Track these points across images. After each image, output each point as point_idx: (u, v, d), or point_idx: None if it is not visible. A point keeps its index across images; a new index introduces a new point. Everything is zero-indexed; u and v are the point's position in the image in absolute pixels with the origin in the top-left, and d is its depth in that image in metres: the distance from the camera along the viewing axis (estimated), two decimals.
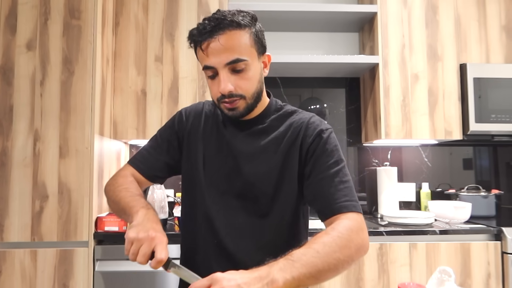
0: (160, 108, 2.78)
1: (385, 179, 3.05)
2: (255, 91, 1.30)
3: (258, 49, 1.30)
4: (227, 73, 1.24)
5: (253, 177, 1.32)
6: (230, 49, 1.22)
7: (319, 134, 1.33)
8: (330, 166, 1.28)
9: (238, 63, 1.23)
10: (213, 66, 1.24)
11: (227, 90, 1.24)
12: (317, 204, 1.28)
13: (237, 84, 1.25)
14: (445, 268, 1.22)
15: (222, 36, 1.21)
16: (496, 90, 2.89)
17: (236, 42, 1.23)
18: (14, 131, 2.35)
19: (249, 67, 1.26)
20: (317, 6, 2.96)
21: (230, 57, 1.22)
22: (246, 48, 1.25)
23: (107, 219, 2.40)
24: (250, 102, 1.30)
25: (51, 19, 2.41)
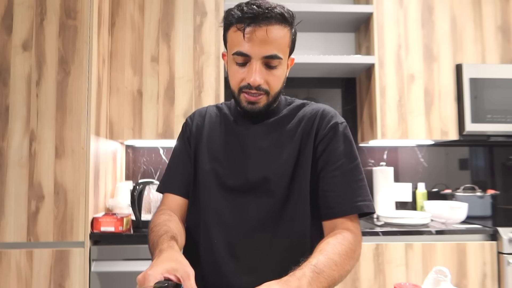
0: (156, 108, 2.78)
1: (381, 179, 3.05)
2: (278, 91, 1.28)
3: (291, 50, 1.29)
4: (262, 66, 1.21)
5: (267, 171, 1.27)
6: (272, 43, 1.19)
7: (333, 127, 1.29)
8: (345, 163, 1.25)
9: (274, 60, 1.21)
10: (249, 55, 1.20)
11: (257, 83, 1.21)
12: (325, 201, 1.25)
13: (267, 79, 1.23)
14: (441, 268, 1.22)
15: (268, 27, 1.18)
16: (492, 90, 2.90)
17: (279, 37, 1.20)
18: (10, 131, 2.34)
19: (281, 66, 1.24)
20: (313, 6, 2.96)
21: (270, 51, 1.19)
22: (284, 46, 1.23)
23: (103, 220, 2.40)
24: (271, 100, 1.27)
25: (47, 19, 2.40)
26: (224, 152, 1.35)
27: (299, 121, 1.33)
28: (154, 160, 3.25)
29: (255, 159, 1.30)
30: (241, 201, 1.28)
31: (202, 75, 2.81)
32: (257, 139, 1.32)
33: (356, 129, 3.37)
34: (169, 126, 2.76)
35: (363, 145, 3.37)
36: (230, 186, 1.31)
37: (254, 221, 1.26)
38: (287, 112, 1.36)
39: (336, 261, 1.06)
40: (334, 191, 1.23)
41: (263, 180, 1.27)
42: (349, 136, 1.31)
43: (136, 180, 3.21)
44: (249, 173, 1.29)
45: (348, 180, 1.23)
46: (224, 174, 1.32)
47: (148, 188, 2.62)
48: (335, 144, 1.27)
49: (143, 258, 2.39)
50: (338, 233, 1.17)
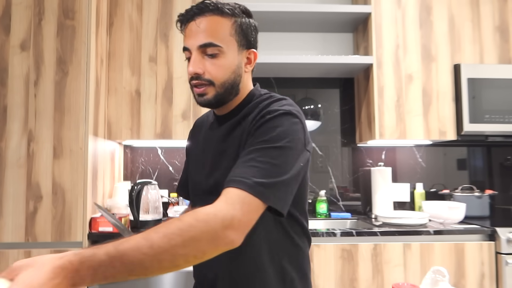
0: (154, 108, 2.78)
1: (379, 179, 3.05)
2: (227, 81, 1.25)
3: (240, 41, 1.27)
4: (199, 55, 1.23)
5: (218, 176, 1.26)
6: (206, 32, 1.21)
7: (263, 116, 1.18)
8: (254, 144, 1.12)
9: (211, 47, 1.21)
10: (188, 48, 1.24)
11: (193, 71, 1.22)
12: None
13: (206, 69, 1.22)
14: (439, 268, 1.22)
15: (201, 18, 1.22)
16: (490, 90, 2.90)
17: (214, 27, 1.22)
18: (8, 131, 2.34)
19: (224, 54, 1.23)
20: (311, 7, 2.96)
21: (204, 40, 1.21)
22: (224, 36, 1.23)
23: (101, 220, 2.40)
24: (220, 91, 1.25)
25: (45, 19, 2.40)
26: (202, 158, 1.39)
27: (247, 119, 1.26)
28: (152, 160, 3.25)
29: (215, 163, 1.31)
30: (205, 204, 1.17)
31: None
32: (219, 143, 1.32)
33: (354, 129, 3.37)
34: (167, 126, 2.76)
35: (361, 145, 3.37)
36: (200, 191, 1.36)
37: None
38: (246, 111, 1.30)
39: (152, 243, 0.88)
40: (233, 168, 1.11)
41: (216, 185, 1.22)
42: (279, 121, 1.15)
43: (134, 180, 3.20)
44: (209, 178, 1.31)
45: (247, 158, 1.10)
46: (197, 181, 1.38)
47: (146, 188, 2.62)
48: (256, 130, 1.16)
49: None
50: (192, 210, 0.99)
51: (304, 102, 3.28)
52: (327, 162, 3.35)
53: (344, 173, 3.36)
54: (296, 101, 3.35)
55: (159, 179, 3.21)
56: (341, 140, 3.38)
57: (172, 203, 2.92)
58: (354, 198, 3.34)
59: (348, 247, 2.49)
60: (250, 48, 1.32)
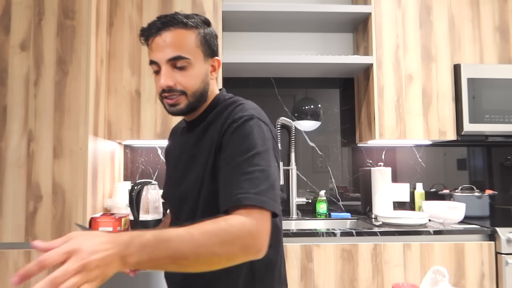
0: (154, 108, 2.78)
1: (379, 179, 3.05)
2: (197, 90, 1.32)
3: (205, 51, 1.34)
4: (169, 69, 1.28)
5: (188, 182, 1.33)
6: (173, 46, 1.26)
7: (230, 124, 1.23)
8: (235, 157, 1.16)
9: (180, 60, 1.27)
10: (156, 61, 1.28)
11: (165, 85, 1.27)
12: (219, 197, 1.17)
13: (177, 80, 1.28)
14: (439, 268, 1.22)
15: (167, 33, 1.27)
16: (490, 90, 2.90)
17: (180, 40, 1.27)
18: (8, 131, 2.34)
19: (192, 66, 1.29)
20: (311, 7, 2.96)
21: (172, 54, 1.26)
22: (190, 48, 1.29)
23: (101, 220, 2.40)
24: (191, 100, 1.32)
25: (45, 19, 2.40)
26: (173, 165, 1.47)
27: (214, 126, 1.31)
28: (152, 160, 3.25)
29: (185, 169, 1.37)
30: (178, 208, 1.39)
31: None
32: (189, 148, 1.38)
33: (354, 129, 3.37)
34: (167, 126, 2.76)
35: (361, 145, 3.37)
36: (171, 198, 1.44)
37: None
38: (213, 115, 1.35)
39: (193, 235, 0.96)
40: (222, 187, 1.16)
41: (186, 189, 1.34)
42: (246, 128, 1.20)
43: (134, 180, 3.20)
44: (181, 183, 1.37)
45: (234, 174, 1.14)
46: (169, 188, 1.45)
47: (146, 188, 2.62)
48: (228, 141, 1.21)
49: None
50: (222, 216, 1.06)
51: (304, 102, 3.28)
52: (327, 162, 3.35)
53: (344, 173, 3.36)
54: (296, 101, 3.35)
55: (159, 179, 3.21)
56: (341, 140, 3.38)
57: None
58: (354, 198, 3.34)
59: (348, 247, 2.49)
60: (214, 56, 1.39)
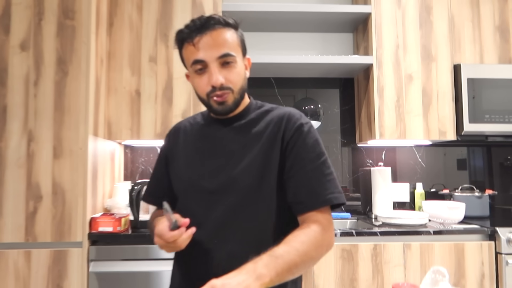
0: (154, 108, 2.78)
1: (379, 179, 3.05)
2: (241, 87, 1.37)
3: (242, 50, 1.40)
4: (218, 67, 1.31)
5: (234, 173, 1.34)
6: (221, 44, 1.30)
7: (299, 128, 1.36)
8: (312, 160, 1.32)
9: (228, 57, 1.31)
10: (203, 60, 1.30)
11: (219, 82, 1.30)
12: (296, 197, 1.31)
13: (226, 77, 1.31)
14: (439, 268, 1.22)
15: (213, 32, 1.30)
16: (490, 90, 2.90)
17: (226, 38, 1.32)
18: (8, 131, 2.34)
19: (236, 63, 1.34)
20: (311, 7, 2.96)
21: (221, 51, 1.30)
22: (234, 45, 1.34)
23: (101, 220, 2.40)
24: (237, 97, 1.36)
25: (45, 19, 2.40)
26: (199, 157, 1.44)
27: (267, 125, 1.40)
28: (152, 160, 3.25)
29: (225, 161, 1.37)
30: (213, 200, 1.36)
31: None
32: (227, 142, 1.40)
33: (354, 129, 3.37)
34: (167, 126, 2.76)
35: (361, 145, 3.37)
36: (204, 188, 1.38)
37: (220, 221, 1.33)
38: (255, 116, 1.44)
39: (296, 247, 1.15)
40: (304, 186, 1.30)
41: (231, 181, 1.34)
42: (315, 134, 1.38)
43: (134, 180, 3.20)
44: (220, 175, 1.37)
45: (317, 175, 1.31)
46: (199, 177, 1.40)
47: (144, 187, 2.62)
48: (301, 144, 1.34)
49: (142, 258, 2.39)
50: (305, 226, 1.25)
51: (304, 102, 3.27)
52: None
53: (344, 173, 3.36)
54: (296, 101, 3.35)
55: None
56: (341, 140, 3.38)
57: None
58: (354, 198, 3.34)
59: (348, 247, 2.49)
60: (246, 55, 1.44)
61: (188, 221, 1.21)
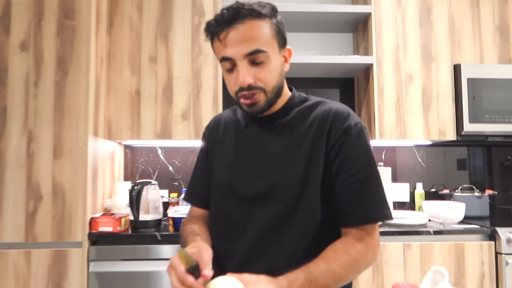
0: (154, 108, 2.77)
1: None
2: (276, 85, 1.24)
3: (279, 41, 1.25)
4: (246, 65, 1.18)
5: (276, 178, 1.23)
6: (250, 40, 1.16)
7: (346, 131, 1.23)
8: (360, 169, 1.21)
9: (258, 55, 1.17)
10: (231, 58, 1.18)
11: (246, 83, 1.17)
12: (342, 209, 1.21)
13: (256, 77, 1.19)
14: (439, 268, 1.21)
15: (241, 25, 1.16)
16: (490, 90, 2.90)
17: (257, 32, 1.18)
18: (8, 131, 2.34)
19: (270, 59, 1.20)
20: (311, 7, 2.96)
21: (250, 48, 1.16)
22: (266, 39, 1.20)
23: (101, 220, 2.40)
24: (270, 97, 1.23)
25: (45, 19, 2.40)
26: (236, 160, 1.33)
27: (311, 124, 1.27)
28: (152, 160, 3.25)
29: (264, 166, 1.27)
30: (252, 208, 1.26)
31: (200, 75, 2.81)
32: (266, 144, 1.29)
33: None
34: (167, 126, 2.76)
35: None
36: (242, 194, 1.28)
37: (262, 228, 1.23)
38: (297, 113, 1.31)
39: (335, 271, 1.10)
40: (350, 199, 1.20)
41: (272, 187, 1.23)
42: (365, 138, 1.25)
43: (134, 180, 3.20)
44: (259, 180, 1.26)
45: (364, 188, 1.20)
46: (236, 182, 1.30)
47: (146, 188, 2.62)
48: (348, 149, 1.21)
49: (141, 258, 2.39)
50: (349, 242, 1.17)
51: None
52: None
53: None
54: None
55: (159, 179, 3.21)
56: None
57: (172, 203, 2.91)
58: None
59: None
60: (285, 45, 1.30)
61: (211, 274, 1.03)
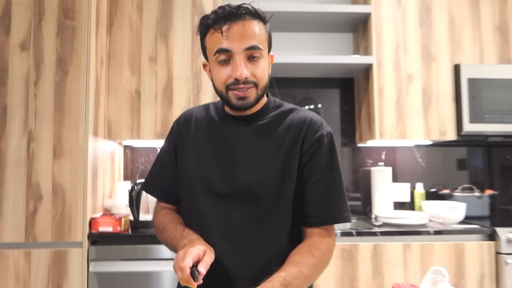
0: (154, 108, 2.77)
1: (379, 179, 3.05)
2: (265, 84, 1.30)
3: (269, 45, 1.33)
4: (244, 59, 1.23)
5: (253, 179, 1.28)
6: (250, 36, 1.23)
7: (319, 139, 1.31)
8: (326, 175, 1.30)
9: (256, 50, 1.24)
10: (230, 50, 1.22)
11: (244, 75, 1.22)
12: (307, 210, 1.30)
13: (252, 71, 1.24)
14: (439, 268, 1.22)
15: (244, 22, 1.23)
16: (490, 90, 2.90)
17: (256, 30, 1.25)
18: (8, 131, 2.34)
19: (263, 58, 1.27)
20: (311, 7, 2.96)
21: (250, 43, 1.22)
22: (262, 39, 1.27)
23: (101, 220, 2.40)
24: (260, 94, 1.29)
25: (45, 19, 2.40)
26: (211, 157, 1.35)
27: (287, 129, 1.33)
28: (152, 160, 3.24)
29: (241, 165, 1.30)
30: (227, 205, 1.29)
31: (200, 75, 2.81)
32: (244, 144, 1.32)
33: (354, 129, 3.37)
34: (167, 126, 2.76)
35: (361, 145, 3.37)
36: (217, 191, 1.31)
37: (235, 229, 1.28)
38: (274, 117, 1.37)
39: (305, 274, 1.16)
40: (315, 201, 1.29)
41: (248, 188, 1.28)
42: (334, 146, 1.34)
43: (134, 180, 3.20)
44: (235, 179, 1.29)
45: (328, 191, 1.29)
46: (211, 179, 1.32)
47: None
48: (319, 156, 1.31)
49: (141, 258, 2.39)
50: (313, 244, 1.26)
51: (304, 102, 3.28)
52: None
53: (344, 173, 3.34)
54: (296, 101, 3.35)
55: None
56: (341, 140, 3.38)
57: None
58: (354, 198, 3.34)
59: (348, 247, 2.49)
60: (270, 51, 1.37)
61: None
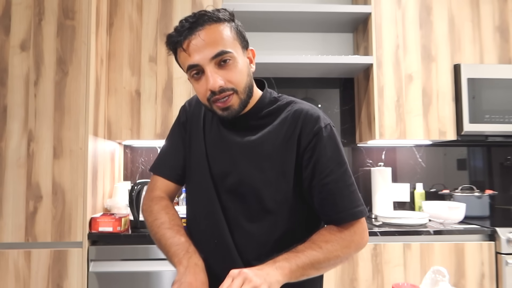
0: (154, 108, 2.77)
1: (379, 179, 3.05)
2: (246, 85, 1.24)
3: (242, 42, 1.26)
4: (214, 68, 1.18)
5: (248, 175, 1.26)
6: (213, 43, 1.17)
7: (317, 133, 1.25)
8: (334, 169, 1.23)
9: (224, 55, 1.18)
10: (197, 64, 1.18)
11: (217, 86, 1.17)
12: (322, 209, 1.25)
13: (226, 78, 1.19)
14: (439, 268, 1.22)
15: (202, 31, 1.17)
16: (490, 90, 2.90)
17: (218, 35, 1.19)
18: (8, 131, 2.34)
19: (236, 60, 1.21)
20: (311, 7, 2.96)
21: (214, 51, 1.17)
22: (229, 41, 1.20)
23: (101, 220, 2.40)
24: (243, 98, 1.24)
25: (45, 19, 2.40)
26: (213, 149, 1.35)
27: (281, 124, 1.29)
28: (152, 160, 3.24)
29: (236, 162, 1.29)
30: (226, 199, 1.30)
31: None
32: (240, 141, 1.30)
33: (354, 129, 3.37)
34: (167, 127, 2.76)
35: (361, 145, 3.37)
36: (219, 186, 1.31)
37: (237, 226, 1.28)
38: (268, 114, 1.33)
39: (319, 245, 1.15)
40: (329, 199, 1.23)
41: (244, 185, 1.27)
42: (335, 139, 1.27)
43: (134, 180, 3.20)
44: (231, 175, 1.29)
45: (340, 188, 1.23)
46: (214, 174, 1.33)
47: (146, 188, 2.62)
48: (321, 151, 1.24)
49: (141, 258, 2.39)
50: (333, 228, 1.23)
51: None
52: None
53: None
54: None
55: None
56: (341, 140, 3.36)
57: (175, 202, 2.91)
58: None
59: None
60: (247, 47, 1.31)
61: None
